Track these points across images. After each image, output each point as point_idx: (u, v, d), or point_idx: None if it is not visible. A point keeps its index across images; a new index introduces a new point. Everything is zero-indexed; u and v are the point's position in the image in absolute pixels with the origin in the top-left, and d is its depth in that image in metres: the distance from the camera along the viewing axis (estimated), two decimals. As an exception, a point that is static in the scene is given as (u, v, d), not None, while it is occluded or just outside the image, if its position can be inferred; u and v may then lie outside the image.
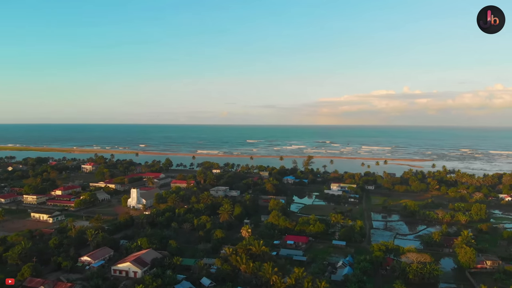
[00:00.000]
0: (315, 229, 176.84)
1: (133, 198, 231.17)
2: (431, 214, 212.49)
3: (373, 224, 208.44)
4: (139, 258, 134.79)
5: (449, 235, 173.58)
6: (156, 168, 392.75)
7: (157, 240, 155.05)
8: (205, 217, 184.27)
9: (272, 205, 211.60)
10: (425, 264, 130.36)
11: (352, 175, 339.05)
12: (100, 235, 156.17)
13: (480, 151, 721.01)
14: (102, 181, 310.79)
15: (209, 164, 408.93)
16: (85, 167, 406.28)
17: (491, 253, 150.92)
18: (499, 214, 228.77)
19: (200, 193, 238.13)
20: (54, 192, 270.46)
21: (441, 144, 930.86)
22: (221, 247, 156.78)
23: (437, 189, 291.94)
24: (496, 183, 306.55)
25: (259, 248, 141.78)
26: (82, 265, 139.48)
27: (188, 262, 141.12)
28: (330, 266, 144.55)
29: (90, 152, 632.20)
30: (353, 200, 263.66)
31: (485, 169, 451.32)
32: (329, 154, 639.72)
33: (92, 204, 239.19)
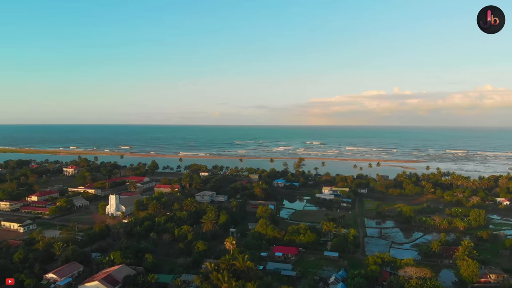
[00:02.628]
0: (306, 238, 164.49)
1: (112, 205, 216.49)
2: (428, 221, 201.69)
3: (367, 232, 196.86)
4: (109, 276, 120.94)
5: (448, 244, 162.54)
6: (141, 171, 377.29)
7: (132, 254, 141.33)
8: (187, 227, 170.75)
9: (260, 212, 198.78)
10: (425, 280, 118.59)
11: (344, 177, 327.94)
12: (69, 249, 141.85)
13: (472, 152, 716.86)
14: (82, 186, 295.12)
15: (196, 167, 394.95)
16: (67, 171, 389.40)
17: (494, 265, 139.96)
18: (498, 219, 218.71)
19: (184, 199, 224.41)
20: (29, 198, 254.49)
21: (433, 145, 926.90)
22: (203, 261, 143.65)
23: (432, 193, 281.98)
24: (492, 186, 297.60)
25: (244, 263, 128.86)
26: (47, 283, 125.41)
27: (165, 279, 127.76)
28: (322, 281, 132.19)
29: (75, 154, 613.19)
30: (345, 205, 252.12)
31: (479, 170, 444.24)
32: (321, 156, 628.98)
33: (69, 211, 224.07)
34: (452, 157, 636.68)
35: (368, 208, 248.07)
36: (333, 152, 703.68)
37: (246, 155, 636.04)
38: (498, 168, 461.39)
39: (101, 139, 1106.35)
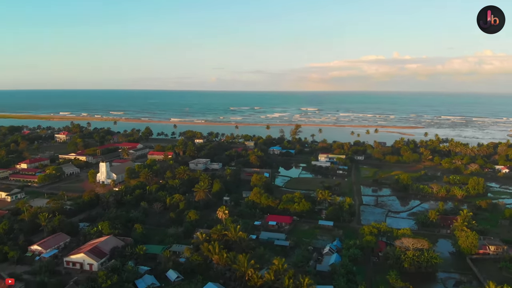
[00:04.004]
0: (300, 207, 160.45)
1: (102, 172, 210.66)
2: (425, 189, 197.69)
3: (363, 200, 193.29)
4: (96, 248, 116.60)
5: (446, 214, 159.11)
6: (134, 137, 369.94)
7: (121, 224, 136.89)
8: (179, 196, 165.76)
9: (254, 180, 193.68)
10: (423, 251, 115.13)
11: (341, 144, 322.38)
12: (56, 219, 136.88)
13: (471, 118, 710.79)
14: (74, 153, 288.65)
15: (191, 134, 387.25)
16: (59, 137, 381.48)
17: (493, 235, 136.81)
18: (496, 187, 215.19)
19: (177, 166, 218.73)
20: (19, 166, 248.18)
21: (431, 111, 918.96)
22: (195, 230, 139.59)
23: (430, 160, 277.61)
24: (491, 153, 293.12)
25: (236, 234, 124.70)
26: (31, 255, 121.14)
27: (154, 250, 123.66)
28: (316, 252, 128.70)
29: (68, 119, 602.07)
30: (341, 172, 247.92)
31: (478, 137, 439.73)
32: (318, 122, 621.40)
33: (58, 179, 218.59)
34: (451, 123, 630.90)
35: (364, 176, 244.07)
36: (329, 119, 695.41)
37: (242, 121, 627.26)
38: (497, 135, 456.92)
39: (94, 105, 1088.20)
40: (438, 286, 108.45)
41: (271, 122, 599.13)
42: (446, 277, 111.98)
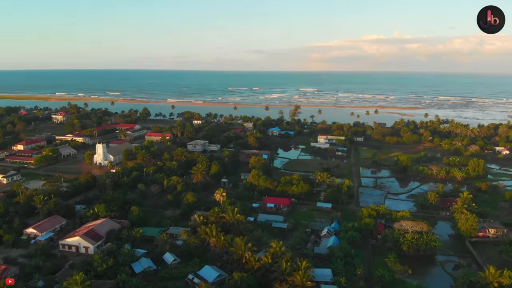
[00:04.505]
0: (299, 189, 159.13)
1: (99, 154, 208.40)
2: (425, 170, 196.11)
3: (362, 182, 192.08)
4: (92, 231, 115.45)
5: (446, 196, 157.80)
6: (132, 118, 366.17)
7: (118, 206, 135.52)
8: (176, 178, 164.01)
9: (253, 162, 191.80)
10: (422, 234, 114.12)
11: (340, 125, 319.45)
12: (51, 201, 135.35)
13: (471, 99, 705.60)
14: (71, 134, 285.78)
15: (189, 115, 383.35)
16: (56, 118, 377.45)
17: (493, 218, 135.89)
18: (496, 169, 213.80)
19: (175, 148, 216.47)
20: (15, 147, 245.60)
21: (432, 91, 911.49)
22: (192, 213, 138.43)
23: (430, 141, 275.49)
24: (492, 135, 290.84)
25: (233, 216, 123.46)
26: (27, 238, 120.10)
27: (151, 233, 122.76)
28: (314, 234, 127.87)
29: (65, 100, 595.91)
30: (341, 154, 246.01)
31: (478, 117, 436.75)
32: (317, 103, 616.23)
33: (55, 161, 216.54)
34: (451, 103, 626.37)
35: (363, 157, 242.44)
36: (328, 100, 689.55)
37: (241, 102, 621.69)
38: (497, 116, 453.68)
39: (92, 85, 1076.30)
40: (436, 269, 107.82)
41: (270, 103, 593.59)
42: (445, 260, 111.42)
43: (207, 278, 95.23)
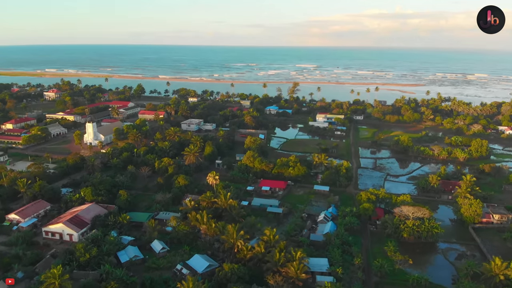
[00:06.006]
0: (295, 172, 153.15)
1: (89, 133, 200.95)
2: (426, 151, 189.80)
3: (361, 163, 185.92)
4: (77, 217, 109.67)
5: (448, 178, 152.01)
6: (125, 95, 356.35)
7: (106, 190, 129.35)
8: (168, 159, 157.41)
9: (248, 143, 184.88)
10: (423, 221, 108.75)
11: (340, 104, 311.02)
12: (36, 185, 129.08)
13: (473, 76, 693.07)
14: (62, 112, 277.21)
15: (185, 92, 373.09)
16: (48, 95, 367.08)
17: (497, 202, 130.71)
18: (499, 150, 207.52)
19: (168, 127, 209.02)
20: (4, 126, 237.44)
21: (433, 67, 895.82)
22: (184, 196, 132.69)
23: (432, 120, 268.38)
24: (494, 113, 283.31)
25: (226, 201, 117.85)
26: (9, 224, 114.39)
27: (140, 218, 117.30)
28: (310, 220, 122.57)
29: (59, 76, 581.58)
30: (339, 133, 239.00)
31: (480, 95, 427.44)
32: (317, 79, 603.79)
33: (44, 140, 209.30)
34: (453, 80, 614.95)
35: (363, 137, 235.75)
36: (328, 76, 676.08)
37: (238, 78, 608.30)
38: (499, 93, 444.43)
39: (86, 60, 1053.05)
40: (438, 257, 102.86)
41: (268, 79, 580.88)
42: (447, 248, 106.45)
43: (196, 268, 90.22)
